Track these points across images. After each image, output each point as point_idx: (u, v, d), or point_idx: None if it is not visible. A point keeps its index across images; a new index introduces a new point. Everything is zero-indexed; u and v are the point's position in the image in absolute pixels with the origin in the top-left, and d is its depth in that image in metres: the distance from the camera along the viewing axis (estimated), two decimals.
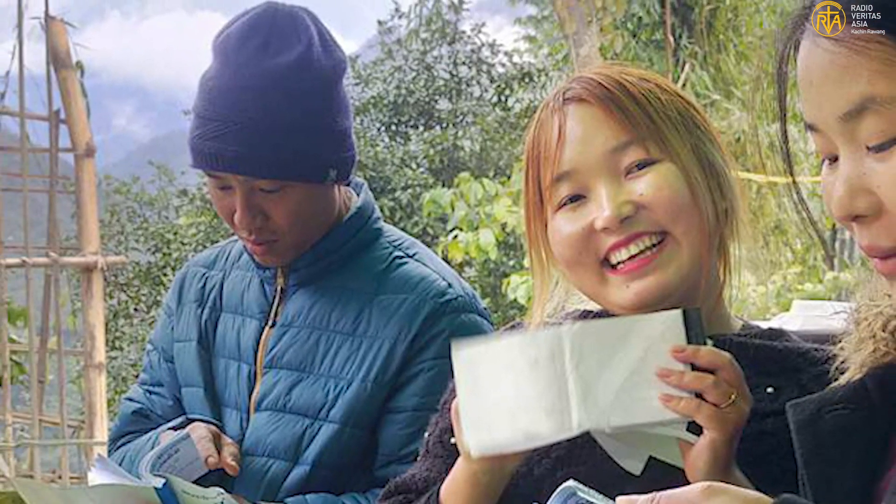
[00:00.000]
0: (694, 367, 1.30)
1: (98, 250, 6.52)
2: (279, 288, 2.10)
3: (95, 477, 1.92)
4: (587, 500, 1.08)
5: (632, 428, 1.33)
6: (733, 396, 1.31)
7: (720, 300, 1.57)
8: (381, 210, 2.14)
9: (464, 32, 17.48)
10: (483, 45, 17.48)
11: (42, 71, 6.32)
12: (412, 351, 1.97)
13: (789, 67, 1.14)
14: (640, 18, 12.62)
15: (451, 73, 17.03)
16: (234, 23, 2.01)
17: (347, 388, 1.98)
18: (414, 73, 16.93)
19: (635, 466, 1.40)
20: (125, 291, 16.06)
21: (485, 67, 17.29)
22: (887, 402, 1.16)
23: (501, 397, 1.36)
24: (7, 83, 6.22)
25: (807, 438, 1.16)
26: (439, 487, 1.49)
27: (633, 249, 1.47)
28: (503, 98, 16.62)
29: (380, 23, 18.60)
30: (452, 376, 1.42)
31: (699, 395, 1.30)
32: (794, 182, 1.25)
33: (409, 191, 14.94)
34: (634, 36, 12.41)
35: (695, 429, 1.32)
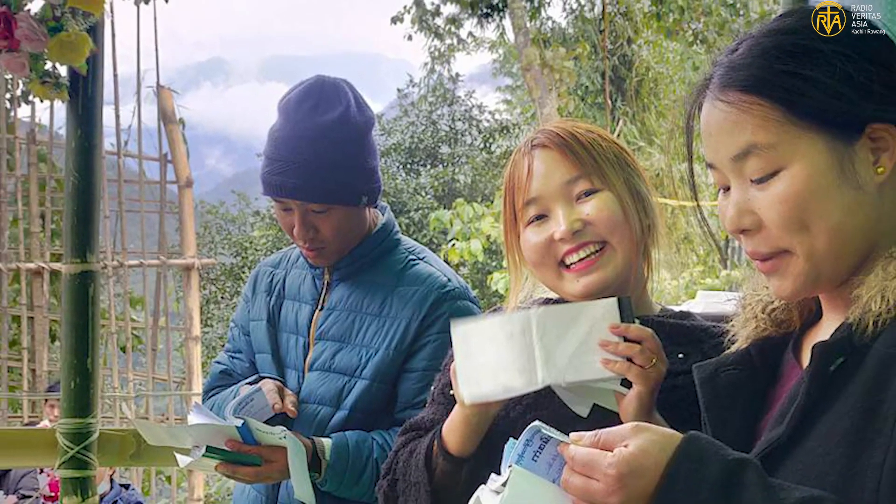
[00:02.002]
0: (626, 339, 1.30)
1: (195, 255, 6.51)
2: (326, 282, 2.10)
3: (193, 419, 1.92)
4: (548, 435, 1.07)
5: (581, 383, 1.33)
6: (654, 360, 1.30)
7: (645, 291, 1.57)
8: (399, 226, 2.13)
9: (459, 97, 17.50)
10: (473, 106, 17.50)
11: (154, 125, 6.33)
12: (422, 327, 1.96)
13: (695, 122, 1.14)
14: (586, 87, 12.65)
15: (450, 126, 17.04)
16: (293, 90, 2.01)
17: (375, 354, 1.97)
18: (423, 127, 16.94)
19: (583, 411, 1.39)
20: (214, 284, 16.04)
21: (475, 122, 17.29)
22: (765, 364, 1.16)
23: (487, 361, 1.35)
24: (129, 134, 6.25)
25: (707, 391, 1.16)
26: (442, 426, 1.49)
27: (582, 254, 1.46)
28: (488, 145, 16.61)
29: (398, 90, 18.63)
30: (451, 346, 1.42)
31: (630, 360, 1.30)
32: (698, 206, 1.25)
33: (420, 212, 14.93)
34: (583, 99, 12.44)
35: (626, 384, 1.32)
